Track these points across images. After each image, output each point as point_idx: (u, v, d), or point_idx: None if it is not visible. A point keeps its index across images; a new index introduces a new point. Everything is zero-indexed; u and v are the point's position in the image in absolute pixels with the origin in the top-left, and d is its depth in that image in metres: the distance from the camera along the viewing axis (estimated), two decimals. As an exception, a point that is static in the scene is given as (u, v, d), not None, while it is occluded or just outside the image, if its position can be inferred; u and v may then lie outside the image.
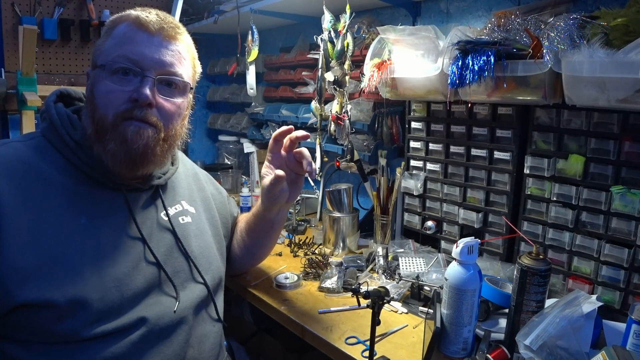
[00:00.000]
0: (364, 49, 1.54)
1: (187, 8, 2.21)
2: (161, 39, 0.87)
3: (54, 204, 0.81)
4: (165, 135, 0.90)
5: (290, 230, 1.74)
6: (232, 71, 2.11)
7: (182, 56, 0.91)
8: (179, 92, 0.91)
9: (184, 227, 0.99)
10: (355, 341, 1.02)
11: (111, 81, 0.85)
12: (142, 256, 0.88)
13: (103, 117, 0.84)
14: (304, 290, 1.28)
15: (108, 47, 0.87)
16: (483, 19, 1.42)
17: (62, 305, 0.76)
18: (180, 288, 0.92)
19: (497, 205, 1.29)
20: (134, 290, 0.84)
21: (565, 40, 0.93)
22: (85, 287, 0.78)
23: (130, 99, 0.84)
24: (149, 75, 0.85)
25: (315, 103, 1.60)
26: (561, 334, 0.83)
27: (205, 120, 2.88)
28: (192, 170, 1.15)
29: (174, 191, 1.03)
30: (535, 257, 0.92)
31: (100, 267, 0.81)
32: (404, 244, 1.43)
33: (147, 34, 0.86)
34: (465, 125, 1.32)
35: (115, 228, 0.87)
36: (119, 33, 0.87)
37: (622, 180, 1.03)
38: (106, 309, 0.80)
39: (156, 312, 0.86)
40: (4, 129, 2.10)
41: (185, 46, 0.93)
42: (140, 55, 0.85)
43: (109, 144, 0.84)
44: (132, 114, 0.84)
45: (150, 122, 0.86)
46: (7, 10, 2.12)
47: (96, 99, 0.85)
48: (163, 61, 0.87)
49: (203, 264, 0.99)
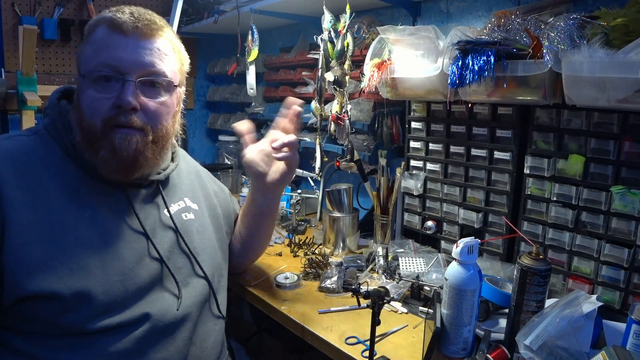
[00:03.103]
0: (364, 49, 1.54)
1: (187, 8, 2.21)
2: (137, 39, 0.85)
3: (59, 196, 0.82)
4: (155, 137, 0.89)
5: (290, 230, 1.74)
6: (232, 71, 2.12)
7: (162, 52, 0.88)
8: (164, 90, 0.90)
9: (187, 223, 1.00)
10: (355, 341, 1.02)
11: (94, 90, 0.84)
12: (146, 252, 0.89)
13: (91, 125, 0.85)
14: (304, 290, 1.28)
15: (88, 54, 0.86)
16: (483, 19, 1.42)
17: (67, 298, 0.77)
18: (183, 284, 0.93)
19: (497, 205, 1.29)
20: (138, 285, 0.85)
21: (565, 40, 0.93)
22: (90, 280, 0.79)
23: (114, 106, 0.84)
24: (130, 79, 0.84)
25: (315, 103, 1.60)
26: (561, 334, 0.83)
27: (205, 120, 2.88)
28: (194, 168, 1.15)
29: (176, 187, 1.03)
30: (535, 257, 0.92)
31: (105, 260, 0.82)
32: (404, 244, 1.43)
33: (121, 36, 0.84)
34: (465, 125, 1.32)
35: (119, 223, 0.88)
36: (96, 39, 0.86)
37: (622, 180, 1.03)
38: (110, 303, 0.81)
39: (159, 308, 0.87)
40: (4, 129, 2.10)
41: (165, 41, 0.90)
42: (118, 60, 0.84)
43: (100, 152, 0.84)
44: (118, 120, 0.84)
45: (136, 127, 0.86)
46: (7, 10, 2.12)
47: (82, 107, 0.85)
48: (141, 62, 0.85)
49: (204, 259, 1.00)
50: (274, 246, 1.63)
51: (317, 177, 1.80)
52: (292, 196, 1.89)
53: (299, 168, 1.92)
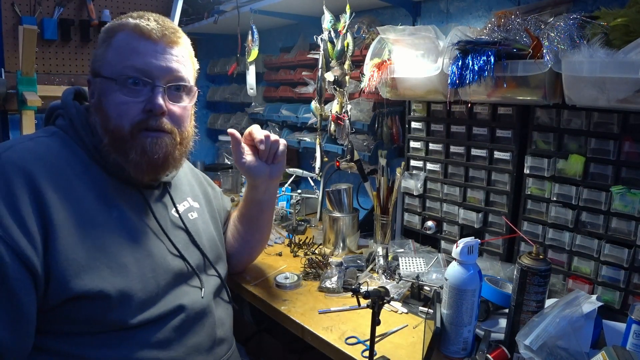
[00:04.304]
0: (364, 49, 1.54)
1: (187, 8, 2.21)
2: (164, 46, 0.89)
3: (89, 196, 0.85)
4: (181, 138, 0.95)
5: (290, 230, 1.74)
6: (232, 71, 2.11)
7: (185, 59, 0.94)
8: (186, 95, 0.95)
9: (193, 222, 1.05)
10: (355, 341, 1.02)
11: (122, 93, 0.87)
12: (167, 249, 0.94)
13: (118, 128, 0.87)
14: (304, 290, 1.28)
15: (111, 57, 0.88)
16: (483, 19, 1.42)
17: (113, 296, 0.80)
18: (202, 277, 1.00)
19: (497, 205, 1.29)
20: (167, 279, 0.91)
21: (565, 40, 0.93)
22: (129, 277, 0.83)
23: (144, 110, 0.87)
24: (159, 84, 0.88)
25: (315, 103, 1.60)
26: (561, 334, 0.83)
27: (205, 120, 2.87)
28: (189, 167, 1.20)
29: (179, 188, 1.08)
30: (535, 257, 0.92)
31: (138, 258, 0.87)
32: (404, 244, 1.43)
33: (150, 42, 0.88)
34: (465, 125, 1.32)
35: (142, 222, 0.92)
36: (120, 43, 0.88)
37: (622, 180, 1.03)
38: (147, 298, 0.86)
39: (189, 298, 0.94)
40: (4, 129, 2.10)
41: (185, 48, 0.95)
42: (148, 64, 0.87)
43: (130, 154, 0.87)
44: (148, 124, 0.88)
45: (165, 130, 0.90)
46: (7, 10, 2.12)
47: (108, 110, 0.88)
48: (170, 68, 0.89)
49: (213, 257, 1.07)
50: (274, 246, 1.64)
51: (317, 177, 1.80)
52: (292, 196, 1.89)
53: (299, 168, 1.93)
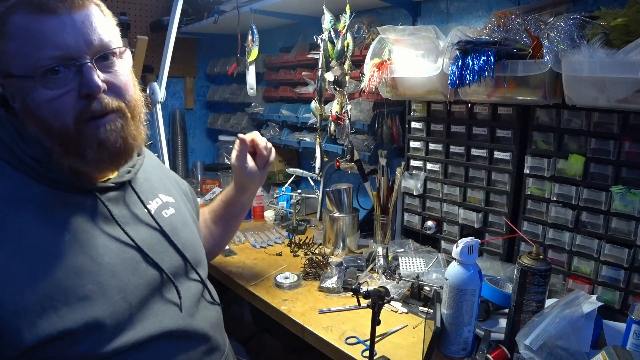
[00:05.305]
0: (364, 49, 1.54)
1: (187, 8, 2.21)
2: (72, 15, 0.72)
3: (32, 227, 0.72)
4: (130, 110, 0.81)
5: (290, 230, 1.74)
6: (232, 71, 2.11)
7: (99, 19, 0.76)
8: (118, 59, 0.80)
9: (169, 220, 0.93)
10: (355, 341, 1.02)
11: (46, 88, 0.72)
12: (138, 259, 0.82)
13: (63, 127, 0.74)
14: (304, 290, 1.28)
15: (15, 50, 0.71)
16: (483, 19, 1.42)
17: (78, 331, 0.70)
18: (179, 284, 0.88)
19: (497, 205, 1.29)
20: (140, 296, 0.79)
21: (565, 40, 0.93)
22: (94, 307, 0.72)
23: (80, 96, 0.73)
24: (85, 62, 0.73)
25: (315, 103, 1.61)
26: (561, 334, 0.83)
27: (205, 120, 2.87)
28: (155, 161, 1.08)
29: (147, 184, 0.95)
30: (535, 257, 0.92)
31: (100, 282, 0.75)
32: (404, 244, 1.43)
33: (53, 17, 0.71)
34: (465, 125, 1.32)
35: (101, 236, 0.79)
36: (18, 30, 0.71)
37: (622, 180, 1.03)
38: (118, 323, 0.75)
39: (168, 315, 0.83)
40: None
41: (95, 6, 0.77)
42: (63, 45, 0.71)
43: (86, 153, 0.75)
44: (92, 111, 0.74)
45: (113, 109, 0.77)
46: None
47: (39, 113, 0.73)
48: (89, 39, 0.73)
49: (192, 253, 0.95)
50: (274, 246, 1.64)
51: (317, 177, 1.80)
52: (292, 196, 1.89)
53: (299, 168, 1.93)
